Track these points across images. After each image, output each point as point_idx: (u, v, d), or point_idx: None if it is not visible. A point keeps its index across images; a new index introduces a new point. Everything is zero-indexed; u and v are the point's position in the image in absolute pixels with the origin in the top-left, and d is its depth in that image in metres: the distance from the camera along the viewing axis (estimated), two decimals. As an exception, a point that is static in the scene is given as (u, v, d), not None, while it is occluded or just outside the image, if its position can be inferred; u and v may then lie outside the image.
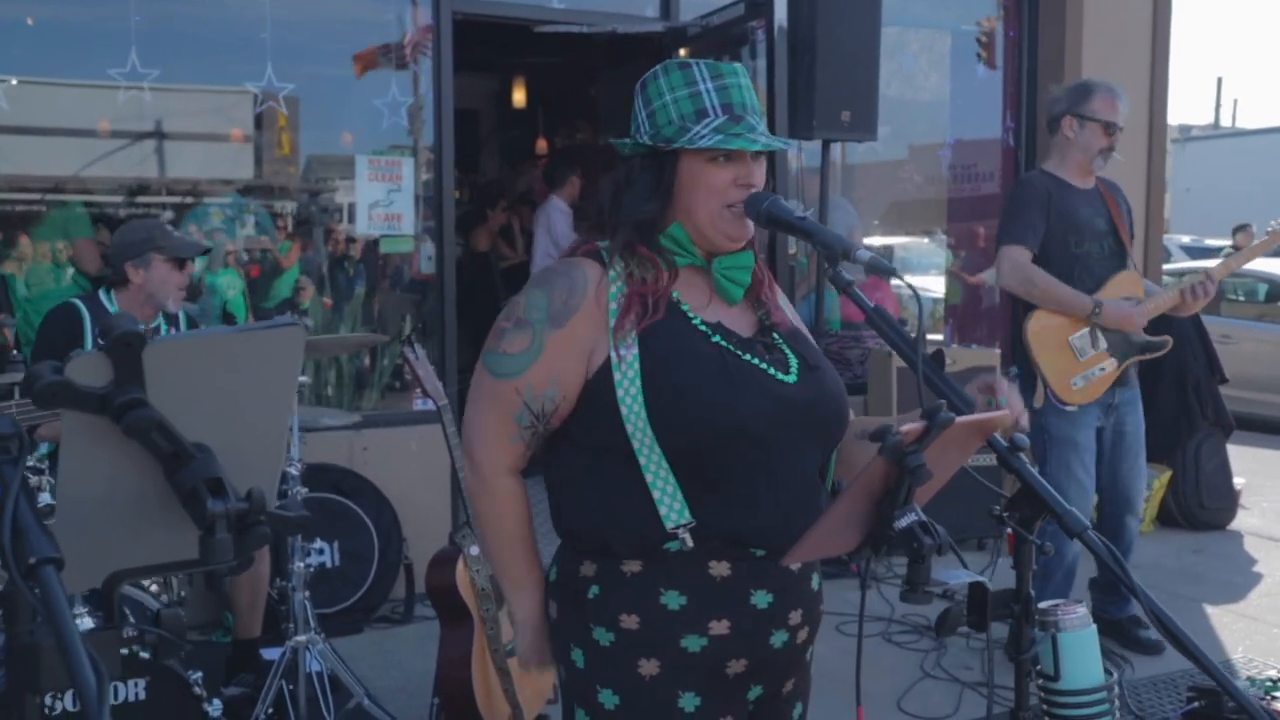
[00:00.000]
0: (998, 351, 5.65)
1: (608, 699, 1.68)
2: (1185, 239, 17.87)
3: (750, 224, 1.72)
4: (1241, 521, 6.26)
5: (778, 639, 1.70)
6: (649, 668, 1.66)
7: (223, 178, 5.21)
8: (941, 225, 6.97)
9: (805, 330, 1.84)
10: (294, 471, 3.39)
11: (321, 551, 4.56)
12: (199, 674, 2.93)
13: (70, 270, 4.92)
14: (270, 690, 3.34)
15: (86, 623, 2.73)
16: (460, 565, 3.38)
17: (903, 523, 1.46)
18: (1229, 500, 6.21)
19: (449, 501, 4.86)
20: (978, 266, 6.77)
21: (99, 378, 1.02)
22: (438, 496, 4.86)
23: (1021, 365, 4.20)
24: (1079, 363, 4.06)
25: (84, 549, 1.06)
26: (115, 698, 2.72)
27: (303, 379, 3.41)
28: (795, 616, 1.72)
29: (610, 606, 1.67)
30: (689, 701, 1.66)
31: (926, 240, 7.32)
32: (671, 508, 1.62)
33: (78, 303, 3.48)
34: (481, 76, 9.60)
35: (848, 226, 6.87)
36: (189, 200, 5.17)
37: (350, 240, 5.31)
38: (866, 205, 6.91)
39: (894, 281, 7.09)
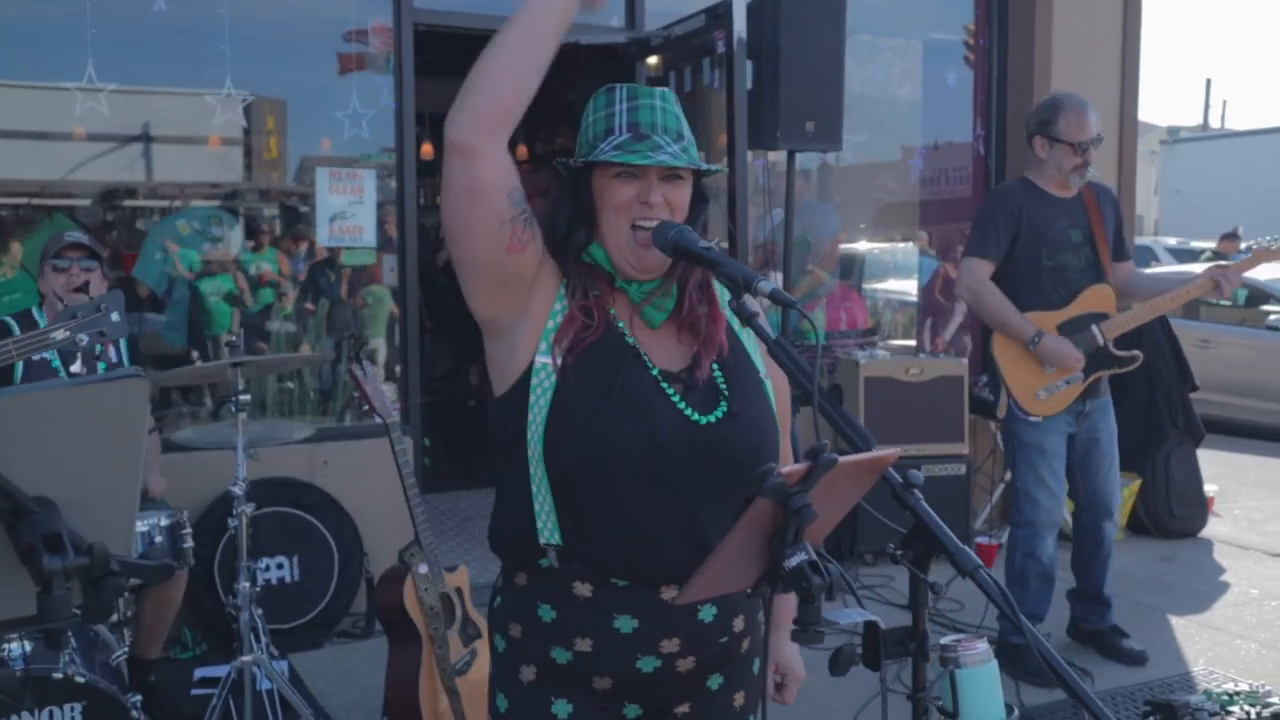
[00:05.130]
0: (965, 361, 5.64)
1: (501, 702, 1.80)
2: (1172, 241, 17.91)
3: (659, 255, 1.72)
4: (1213, 529, 6.26)
5: (646, 664, 1.72)
6: (527, 674, 1.76)
7: (180, 181, 5.19)
8: (914, 230, 6.96)
9: (754, 368, 1.82)
10: (238, 491, 3.37)
11: (281, 566, 4.54)
12: (138, 697, 2.90)
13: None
14: (216, 709, 3.32)
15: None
16: (408, 584, 3.37)
17: (792, 563, 1.44)
18: (1199, 508, 6.21)
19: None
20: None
21: (-74, 436, 1.01)
22: (399, 510, 4.81)
23: (989, 375, 4.20)
24: (1044, 375, 4.06)
25: (-84, 607, 1.05)
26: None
27: (244, 397, 3.38)
28: (670, 645, 1.72)
29: (504, 615, 1.79)
30: (562, 708, 1.73)
31: (908, 244, 7.31)
32: (546, 524, 1.69)
33: (9, 320, 3.50)
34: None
35: (831, 231, 6.88)
36: (161, 205, 5.16)
37: (312, 250, 5.28)
38: (843, 210, 6.91)
39: (848, 295, 7.09)
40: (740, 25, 4.57)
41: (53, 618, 1.06)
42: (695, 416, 1.70)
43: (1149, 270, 7.09)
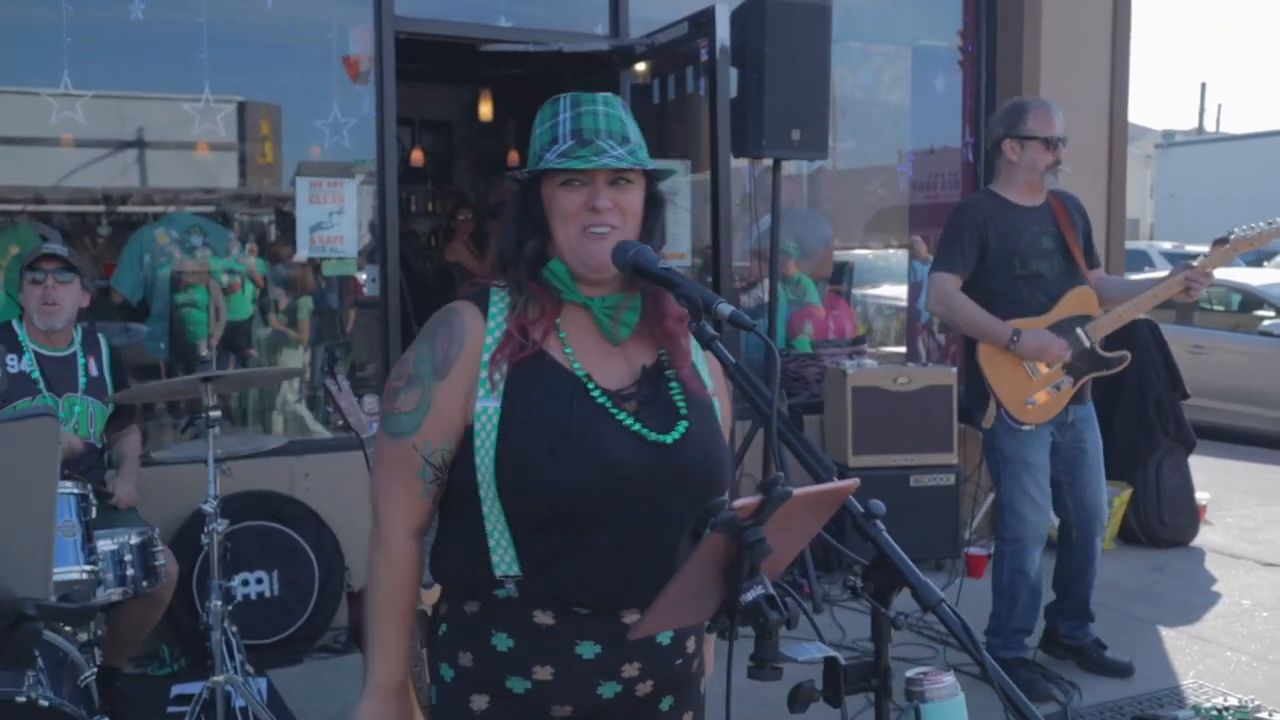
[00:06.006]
0: (954, 370, 5.59)
1: None
2: (1167, 245, 17.86)
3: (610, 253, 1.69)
4: (1204, 538, 6.21)
5: (607, 690, 1.69)
6: (479, 702, 1.70)
7: (158, 189, 5.14)
8: (905, 236, 6.93)
9: (703, 385, 1.79)
10: (209, 508, 3.31)
11: (260, 581, 4.49)
12: (104, 719, 2.85)
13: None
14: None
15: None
16: (383, 601, 3.32)
17: (749, 597, 1.39)
18: (1191, 517, 6.16)
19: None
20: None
21: None
22: (381, 523, 4.78)
23: (974, 384, 4.15)
24: (1032, 381, 4.02)
25: None
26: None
27: (215, 414, 3.32)
28: (631, 669, 1.70)
29: (452, 644, 1.73)
30: None
31: (898, 250, 7.27)
32: (503, 558, 1.66)
33: None
34: (455, 88, 9.54)
35: (823, 239, 6.84)
36: (138, 212, 5.11)
37: (298, 263, 5.23)
38: (832, 216, 6.88)
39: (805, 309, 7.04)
40: (724, 33, 4.52)
41: (-45, 668, 1.01)
42: (653, 436, 1.67)
43: (1139, 275, 7.04)
